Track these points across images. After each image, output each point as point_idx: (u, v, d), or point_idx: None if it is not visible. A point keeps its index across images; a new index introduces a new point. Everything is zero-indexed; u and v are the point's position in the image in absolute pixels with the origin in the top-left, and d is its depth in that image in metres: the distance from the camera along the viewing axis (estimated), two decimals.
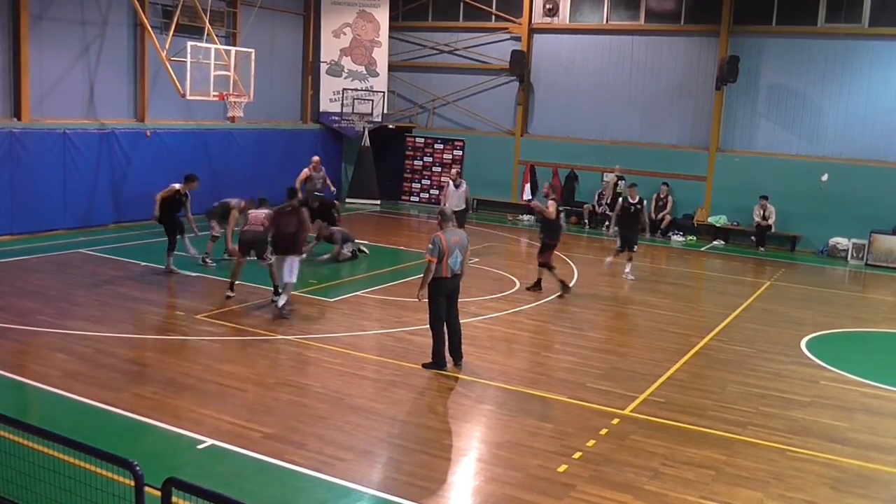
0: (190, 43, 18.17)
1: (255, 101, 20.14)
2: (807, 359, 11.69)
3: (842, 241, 20.62)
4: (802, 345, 12.35)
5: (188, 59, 17.94)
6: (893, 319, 14.64)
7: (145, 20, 18.79)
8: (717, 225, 22.15)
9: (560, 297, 14.41)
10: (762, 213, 21.20)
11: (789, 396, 9.99)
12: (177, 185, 14.69)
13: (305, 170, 18.32)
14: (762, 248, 21.09)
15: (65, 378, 9.23)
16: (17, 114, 17.56)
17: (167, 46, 18.30)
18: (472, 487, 7.28)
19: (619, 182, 22.74)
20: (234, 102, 19.36)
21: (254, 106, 20.51)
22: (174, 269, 14.59)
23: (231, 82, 19.14)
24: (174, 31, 18.76)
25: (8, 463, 6.06)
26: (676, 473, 7.60)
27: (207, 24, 19.26)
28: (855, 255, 20.21)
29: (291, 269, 12.28)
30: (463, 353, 10.43)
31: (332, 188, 19.52)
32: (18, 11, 17.22)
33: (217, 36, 19.84)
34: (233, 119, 21.54)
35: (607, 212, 22.74)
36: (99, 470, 5.86)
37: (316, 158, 18.86)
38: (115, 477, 5.63)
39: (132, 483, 4.82)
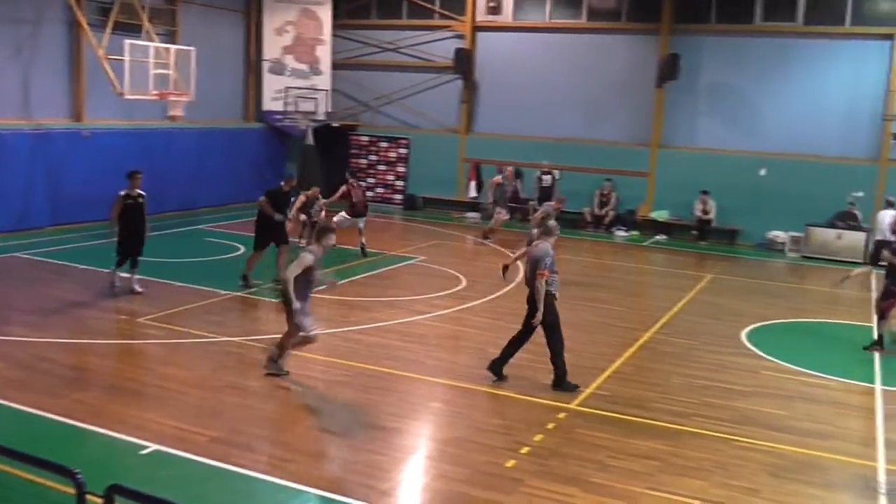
0: (128, 41, 17.81)
1: (197, 100, 19.79)
2: (747, 349, 11.95)
3: (780, 234, 21.07)
4: (743, 336, 12.62)
5: (126, 58, 17.56)
6: (829, 309, 15.03)
7: (81, 18, 18.34)
8: (660, 220, 22.49)
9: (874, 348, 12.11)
10: (703, 207, 21.60)
11: (731, 387, 10.20)
12: (122, 192, 13.27)
13: (498, 176, 20.40)
14: (703, 242, 21.46)
15: (1, 385, 8.98)
16: None
17: (104, 44, 17.91)
18: (421, 485, 7.30)
19: (544, 177, 22.12)
20: (175, 101, 19.04)
21: (195, 105, 20.16)
22: (116, 284, 13.40)
23: (171, 81, 18.82)
24: (111, 28, 18.38)
25: None
26: (622, 465, 7.71)
27: (146, 21, 18.90)
28: (792, 247, 20.70)
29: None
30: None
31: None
32: None
33: (156, 34, 19.48)
34: (173, 118, 21.13)
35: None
36: (38, 479, 5.74)
37: (510, 169, 21.31)
38: (56, 485, 5.52)
39: (73, 491, 4.72)
